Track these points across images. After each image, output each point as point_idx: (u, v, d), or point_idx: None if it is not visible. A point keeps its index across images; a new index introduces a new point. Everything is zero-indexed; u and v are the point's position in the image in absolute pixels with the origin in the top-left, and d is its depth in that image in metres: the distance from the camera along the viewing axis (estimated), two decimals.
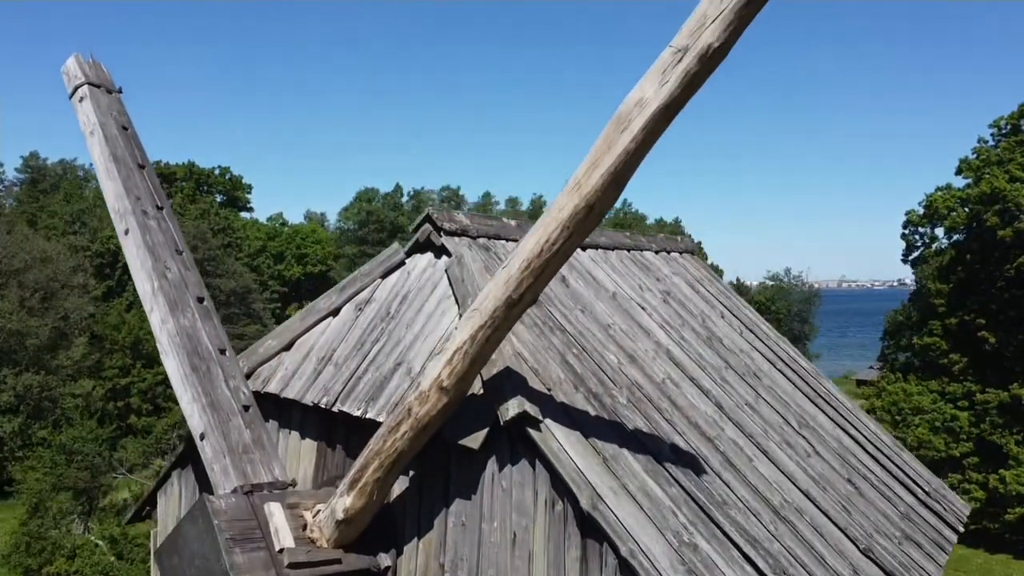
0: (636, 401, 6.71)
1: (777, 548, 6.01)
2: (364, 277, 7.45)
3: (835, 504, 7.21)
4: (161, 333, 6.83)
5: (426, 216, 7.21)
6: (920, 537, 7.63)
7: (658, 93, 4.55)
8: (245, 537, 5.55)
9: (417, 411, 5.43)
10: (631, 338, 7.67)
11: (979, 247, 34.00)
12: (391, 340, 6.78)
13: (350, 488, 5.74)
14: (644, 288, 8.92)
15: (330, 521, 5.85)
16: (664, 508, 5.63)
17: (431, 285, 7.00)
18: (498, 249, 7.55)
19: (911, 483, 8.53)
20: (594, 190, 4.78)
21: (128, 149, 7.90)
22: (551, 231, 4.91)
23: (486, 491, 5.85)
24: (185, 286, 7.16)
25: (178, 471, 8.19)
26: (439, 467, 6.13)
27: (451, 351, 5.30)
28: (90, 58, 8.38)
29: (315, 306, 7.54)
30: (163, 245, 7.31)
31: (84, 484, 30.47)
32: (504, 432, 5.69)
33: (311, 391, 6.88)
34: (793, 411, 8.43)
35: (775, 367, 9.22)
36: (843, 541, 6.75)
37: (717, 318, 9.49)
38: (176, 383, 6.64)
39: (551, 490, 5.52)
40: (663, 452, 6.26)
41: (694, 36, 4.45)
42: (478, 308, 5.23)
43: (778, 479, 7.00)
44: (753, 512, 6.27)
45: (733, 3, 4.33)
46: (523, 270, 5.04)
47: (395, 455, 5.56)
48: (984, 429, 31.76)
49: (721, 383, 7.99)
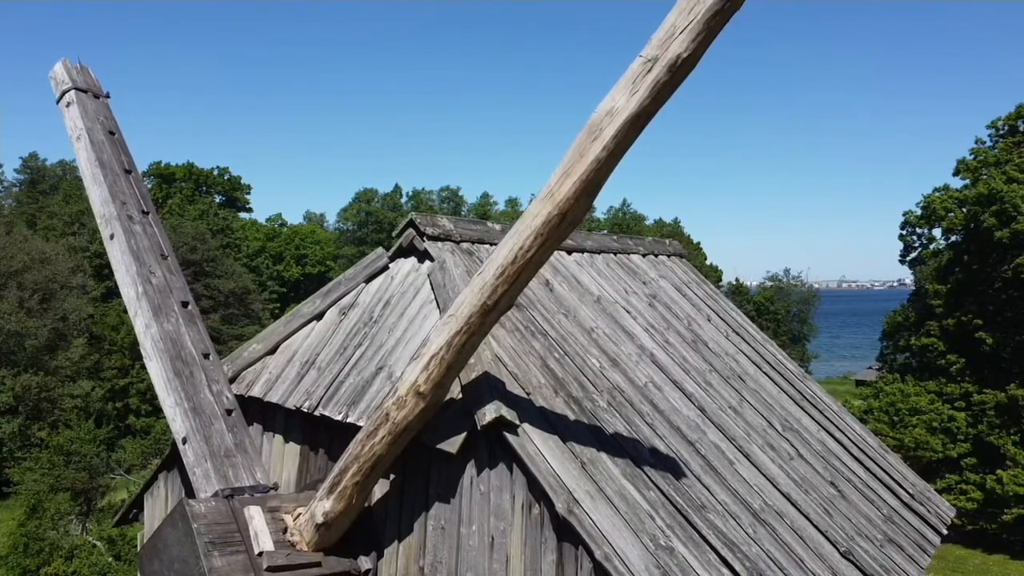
0: (617, 405, 6.74)
1: (755, 551, 6.05)
2: (348, 281, 7.49)
3: (817, 507, 7.24)
4: (145, 338, 6.87)
5: (409, 221, 7.26)
6: (902, 539, 7.66)
7: (628, 103, 4.59)
8: (224, 541, 5.59)
9: (395, 416, 5.47)
10: (614, 342, 7.71)
11: (977, 248, 34.02)
12: (373, 344, 6.82)
13: (329, 492, 5.79)
14: (630, 291, 8.95)
15: (310, 525, 5.89)
16: (641, 512, 5.66)
17: (414, 290, 7.03)
18: (481, 254, 7.59)
19: (895, 485, 8.55)
20: (566, 198, 4.82)
21: (114, 154, 7.93)
22: (525, 238, 4.95)
23: (464, 495, 5.88)
24: (170, 291, 7.19)
25: (164, 473, 8.24)
26: (419, 471, 6.17)
27: (427, 357, 5.34)
28: (78, 63, 8.42)
29: (299, 310, 7.58)
30: (148, 250, 7.34)
31: (82, 485, 30.53)
32: (482, 436, 5.73)
33: (294, 395, 6.92)
34: (777, 414, 8.46)
35: (761, 370, 9.25)
36: (823, 544, 6.78)
37: (703, 321, 9.52)
38: (159, 388, 6.68)
39: (528, 494, 5.55)
40: (642, 456, 6.30)
41: (663, 46, 4.48)
42: (454, 314, 5.26)
43: (759, 482, 7.03)
44: (732, 515, 6.30)
45: (701, 14, 4.36)
46: (498, 276, 5.08)
47: (373, 459, 5.60)
48: (981, 430, 31.78)
49: (705, 386, 8.02)
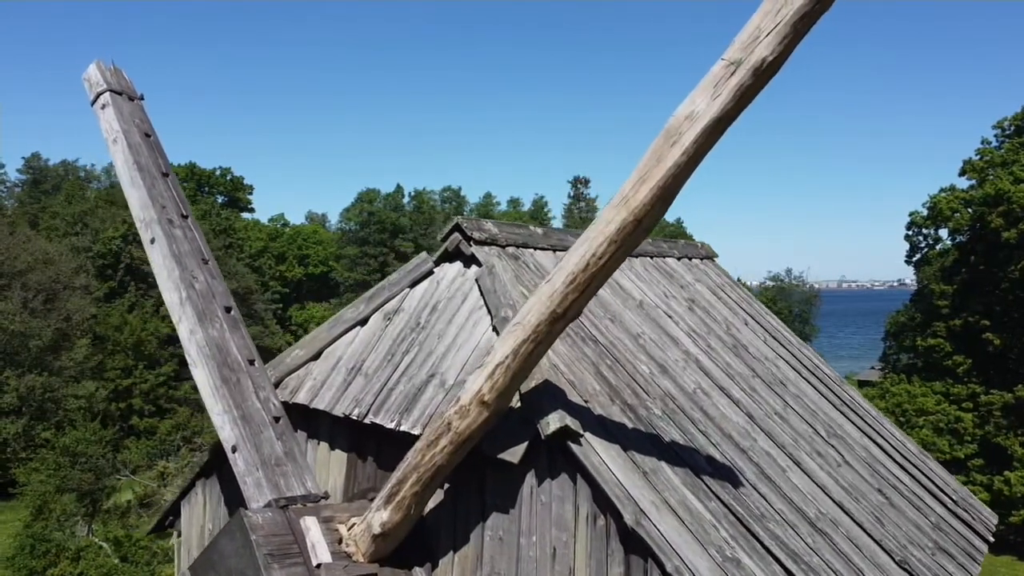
0: (670, 412, 6.65)
1: (817, 562, 5.96)
2: (392, 286, 7.38)
3: (868, 515, 7.15)
4: (190, 344, 6.75)
5: (455, 225, 7.15)
6: (952, 547, 7.58)
7: (710, 107, 4.50)
8: (283, 553, 5.49)
9: (457, 425, 5.37)
10: (660, 347, 7.61)
11: (983, 248, 34.02)
12: (422, 351, 6.72)
13: (387, 502, 5.68)
14: (669, 296, 8.86)
15: (366, 535, 5.79)
16: (705, 523, 5.57)
17: (461, 295, 6.93)
18: (526, 258, 7.49)
19: (939, 492, 8.48)
20: (642, 204, 4.73)
21: (152, 157, 7.81)
22: (598, 245, 4.86)
23: (524, 505, 5.79)
24: (212, 296, 7.08)
25: (202, 481, 8.12)
26: (473, 480, 6.07)
27: (492, 365, 5.24)
28: (111, 65, 8.30)
29: (342, 316, 7.47)
30: (190, 254, 7.23)
31: (88, 486, 30.35)
32: (543, 446, 5.63)
33: (341, 402, 6.81)
34: (821, 420, 8.38)
35: (800, 375, 9.17)
36: (879, 553, 6.70)
37: (741, 325, 9.44)
38: (206, 395, 6.56)
39: (593, 505, 5.46)
40: (700, 465, 6.21)
41: (747, 49, 4.39)
42: (520, 322, 5.17)
43: (812, 490, 6.95)
44: (791, 525, 6.22)
45: (789, 16, 4.27)
46: (568, 284, 4.98)
47: (433, 469, 5.50)
48: (989, 431, 31.78)
49: (750, 392, 7.94)
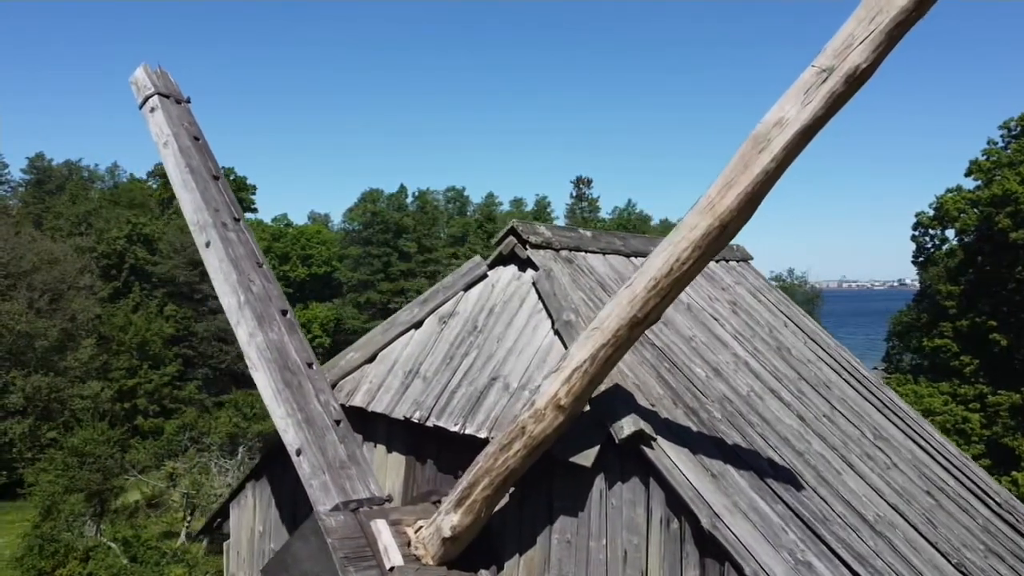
0: (729, 416, 6.68)
1: (881, 565, 6.00)
2: (446, 290, 7.40)
3: (921, 518, 7.20)
4: (250, 347, 6.76)
5: (511, 229, 7.18)
6: (1001, 550, 7.63)
7: (800, 113, 4.53)
8: (358, 555, 5.52)
9: (532, 429, 5.39)
10: (712, 350, 7.65)
11: (990, 249, 34.14)
12: (482, 354, 6.74)
13: (457, 505, 5.70)
14: (713, 298, 8.90)
15: (435, 538, 5.81)
16: (775, 526, 5.60)
17: (518, 299, 6.95)
18: (580, 262, 7.52)
19: (983, 494, 8.54)
20: (728, 210, 4.76)
21: (202, 160, 7.83)
22: (682, 250, 4.89)
23: (594, 509, 5.81)
24: (269, 299, 7.09)
25: (252, 483, 8.13)
26: (540, 483, 6.09)
27: (569, 369, 5.26)
28: (157, 68, 8.30)
29: (397, 318, 7.48)
30: (245, 258, 7.24)
31: (96, 486, 30.32)
32: (614, 449, 5.66)
33: (400, 405, 6.83)
34: (867, 422, 8.43)
35: (841, 377, 9.22)
36: (935, 556, 6.74)
37: (782, 328, 9.48)
38: (268, 398, 6.58)
39: (666, 508, 5.49)
40: (763, 468, 6.24)
41: (840, 57, 4.43)
42: (599, 327, 5.19)
43: (867, 493, 6.99)
44: (852, 528, 6.25)
45: (884, 24, 4.30)
46: (650, 289, 5.01)
47: (506, 473, 5.52)
48: (996, 431, 31.88)
49: (799, 395, 7.98)
